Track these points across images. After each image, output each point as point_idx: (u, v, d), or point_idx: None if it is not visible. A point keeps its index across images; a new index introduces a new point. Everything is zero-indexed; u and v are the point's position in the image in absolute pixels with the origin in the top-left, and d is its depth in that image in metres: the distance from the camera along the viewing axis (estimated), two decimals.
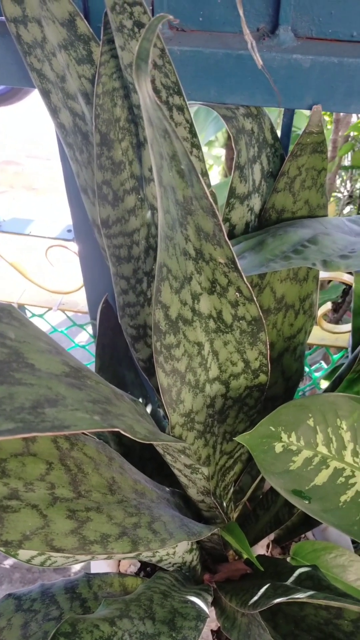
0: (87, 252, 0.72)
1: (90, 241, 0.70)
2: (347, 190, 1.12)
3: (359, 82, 0.49)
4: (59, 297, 0.87)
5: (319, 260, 0.50)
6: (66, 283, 0.84)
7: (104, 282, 0.74)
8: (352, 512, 0.58)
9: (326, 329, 0.74)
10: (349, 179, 1.12)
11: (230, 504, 0.78)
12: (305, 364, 0.81)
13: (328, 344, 0.74)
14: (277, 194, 0.56)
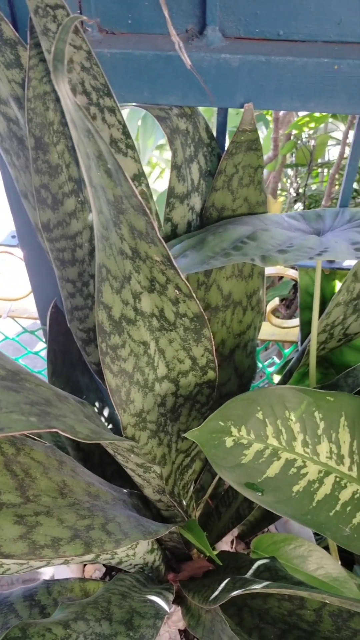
0: (33, 257, 0.71)
1: (34, 246, 0.69)
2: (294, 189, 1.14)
3: (288, 80, 0.50)
4: (8, 305, 0.86)
5: (257, 256, 0.51)
6: (14, 289, 0.84)
7: (52, 287, 0.74)
8: (304, 502, 0.59)
9: (276, 324, 0.75)
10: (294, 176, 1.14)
11: (191, 503, 0.78)
12: (258, 359, 0.82)
13: (278, 339, 0.75)
14: (216, 193, 0.57)
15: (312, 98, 0.51)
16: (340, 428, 0.61)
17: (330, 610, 0.69)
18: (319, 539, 0.92)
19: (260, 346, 0.81)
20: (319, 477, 0.60)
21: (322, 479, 0.60)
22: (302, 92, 0.50)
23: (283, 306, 1.11)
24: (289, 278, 0.72)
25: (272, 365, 0.86)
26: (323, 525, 0.60)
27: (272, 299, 0.86)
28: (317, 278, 0.58)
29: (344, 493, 0.62)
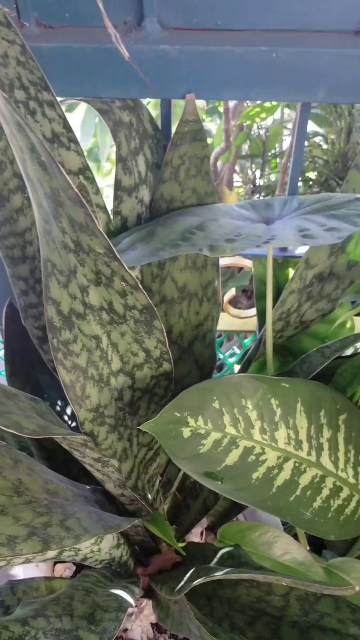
0: None
1: None
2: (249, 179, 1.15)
3: (228, 69, 0.50)
4: None
5: (205, 246, 0.51)
6: None
7: (6, 285, 0.73)
8: (264, 488, 0.60)
9: (234, 315, 0.75)
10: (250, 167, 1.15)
11: (158, 496, 0.78)
12: (218, 350, 0.83)
13: (237, 329, 0.76)
14: (164, 184, 0.57)
15: (254, 87, 0.51)
16: (297, 414, 0.61)
17: (297, 594, 0.69)
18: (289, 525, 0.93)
19: (220, 337, 0.81)
20: (278, 463, 0.61)
21: (281, 464, 0.61)
22: (243, 81, 0.51)
23: (244, 297, 1.11)
24: (246, 268, 0.72)
25: (233, 356, 0.87)
26: (283, 510, 0.61)
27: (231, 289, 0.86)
28: (268, 266, 0.59)
29: (304, 477, 0.62)
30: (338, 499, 0.65)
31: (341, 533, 0.66)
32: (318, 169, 1.04)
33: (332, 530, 0.64)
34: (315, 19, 0.50)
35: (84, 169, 0.52)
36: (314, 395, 0.62)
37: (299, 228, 0.55)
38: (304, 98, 0.51)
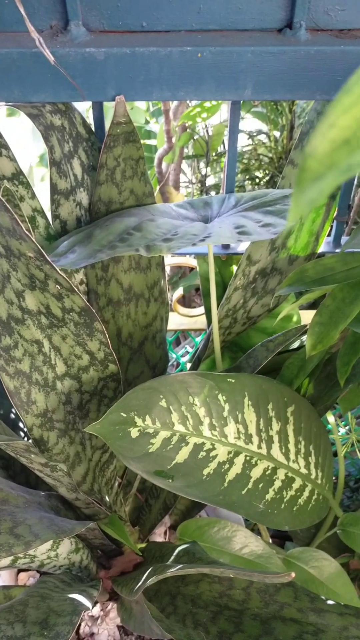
0: None
1: None
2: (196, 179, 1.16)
3: (155, 71, 0.51)
4: None
5: (142, 246, 0.52)
6: None
7: None
8: (216, 483, 0.60)
9: (183, 314, 0.76)
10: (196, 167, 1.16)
11: (118, 498, 0.78)
12: (171, 350, 0.83)
13: (187, 328, 0.76)
14: (101, 186, 0.57)
15: (181, 87, 0.52)
16: (245, 408, 0.62)
17: (258, 587, 0.70)
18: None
19: (170, 337, 0.82)
20: (229, 458, 0.61)
21: (232, 459, 0.62)
22: (170, 82, 0.51)
23: (198, 296, 1.12)
24: (191, 267, 0.73)
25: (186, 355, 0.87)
26: (236, 504, 0.61)
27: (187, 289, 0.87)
28: (210, 264, 0.59)
29: (255, 471, 0.63)
30: (291, 489, 0.66)
31: (295, 523, 0.67)
32: (263, 167, 1.05)
33: (286, 521, 0.65)
34: (238, 18, 0.51)
35: (17, 174, 0.52)
36: (261, 389, 0.62)
37: (236, 225, 0.55)
38: (231, 96, 0.52)
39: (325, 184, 0.17)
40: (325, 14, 0.51)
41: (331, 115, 0.17)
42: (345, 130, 0.17)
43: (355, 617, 0.65)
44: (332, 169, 0.17)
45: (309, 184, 0.17)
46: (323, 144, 0.17)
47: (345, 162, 0.17)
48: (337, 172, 0.17)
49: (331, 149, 0.17)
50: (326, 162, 0.17)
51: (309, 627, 0.64)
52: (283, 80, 0.51)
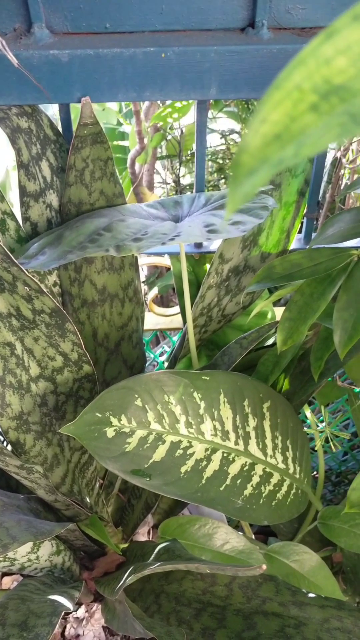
0: None
1: None
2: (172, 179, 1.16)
3: (119, 71, 0.51)
4: None
5: (112, 246, 0.52)
6: None
7: None
8: (194, 481, 0.61)
9: (159, 313, 0.76)
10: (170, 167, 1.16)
11: (99, 499, 0.78)
12: (148, 350, 0.83)
13: (164, 327, 0.77)
14: (71, 188, 0.57)
15: (147, 87, 0.52)
16: (221, 405, 0.63)
17: (240, 582, 0.71)
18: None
19: (148, 337, 0.82)
20: (206, 455, 0.62)
21: (209, 456, 0.62)
22: (135, 82, 0.52)
23: (176, 295, 1.12)
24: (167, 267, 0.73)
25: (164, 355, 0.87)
26: (214, 500, 0.62)
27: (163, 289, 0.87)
28: (182, 263, 0.60)
29: (233, 467, 0.64)
30: (269, 484, 0.66)
31: (274, 518, 0.67)
32: None
33: (264, 516, 0.66)
34: (201, 18, 0.51)
35: None
36: (236, 386, 0.63)
37: (205, 224, 0.56)
38: (197, 96, 0.53)
39: (258, 177, 0.17)
40: (287, 12, 0.52)
41: (262, 111, 0.17)
42: (276, 125, 0.17)
43: (336, 609, 0.66)
44: (264, 163, 0.17)
45: (243, 179, 0.18)
46: (255, 139, 0.17)
47: (277, 156, 0.17)
48: (270, 166, 0.17)
49: (263, 143, 0.17)
50: (259, 157, 0.17)
51: (291, 621, 0.65)
52: (247, 79, 0.52)
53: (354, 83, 0.17)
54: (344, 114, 0.17)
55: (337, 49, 0.17)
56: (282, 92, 0.17)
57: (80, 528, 0.68)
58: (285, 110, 0.17)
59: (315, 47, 0.17)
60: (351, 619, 0.64)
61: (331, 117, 0.17)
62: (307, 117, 0.17)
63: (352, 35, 0.17)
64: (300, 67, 0.17)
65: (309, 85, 0.17)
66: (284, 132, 0.17)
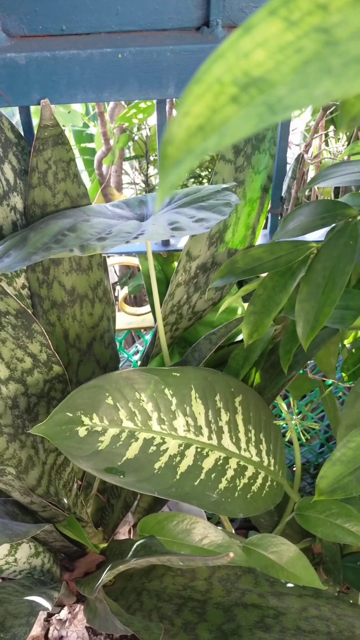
0: None
1: None
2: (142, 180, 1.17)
3: (77, 73, 0.52)
4: None
5: (76, 246, 0.52)
6: None
7: None
8: (168, 476, 0.61)
9: (130, 313, 0.77)
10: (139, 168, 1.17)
11: (78, 500, 0.78)
12: (122, 349, 0.84)
13: (136, 326, 0.77)
14: (34, 190, 0.58)
15: (105, 88, 0.52)
16: (193, 401, 0.63)
17: (220, 576, 0.71)
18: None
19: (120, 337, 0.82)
20: (180, 451, 0.63)
21: (183, 452, 0.63)
22: (94, 83, 0.52)
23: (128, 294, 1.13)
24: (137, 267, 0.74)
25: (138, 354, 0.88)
26: (189, 495, 0.62)
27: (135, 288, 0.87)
28: (149, 261, 0.60)
29: (207, 461, 0.64)
30: (243, 477, 0.67)
31: (250, 510, 0.68)
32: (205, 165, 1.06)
33: (240, 508, 0.67)
34: (156, 18, 0.52)
35: None
36: (207, 381, 0.64)
37: (170, 221, 0.56)
38: (155, 95, 0.53)
39: (183, 168, 0.18)
40: (241, 11, 0.53)
41: (185, 104, 0.18)
42: (199, 118, 0.18)
43: (314, 598, 0.66)
44: (189, 154, 0.18)
45: (170, 169, 0.18)
46: (179, 132, 0.18)
47: (201, 147, 0.18)
48: (194, 156, 0.18)
49: (187, 135, 0.18)
50: (184, 148, 0.18)
51: (270, 611, 0.66)
52: None
53: (272, 75, 0.18)
54: (262, 105, 0.18)
55: (255, 42, 0.18)
56: (203, 85, 0.18)
57: (58, 529, 0.69)
58: (207, 102, 0.18)
59: (234, 41, 0.18)
60: (329, 606, 0.65)
61: (250, 108, 0.18)
62: (228, 108, 0.18)
63: (269, 29, 0.18)
64: (220, 61, 0.18)
65: (229, 78, 0.18)
66: (207, 124, 0.18)
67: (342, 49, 0.17)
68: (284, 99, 0.17)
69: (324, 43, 0.18)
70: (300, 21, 0.18)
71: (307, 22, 0.18)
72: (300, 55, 0.18)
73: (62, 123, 1.05)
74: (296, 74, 0.18)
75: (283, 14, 0.18)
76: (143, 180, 1.18)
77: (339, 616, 0.64)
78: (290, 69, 0.18)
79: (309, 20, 0.18)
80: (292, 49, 0.18)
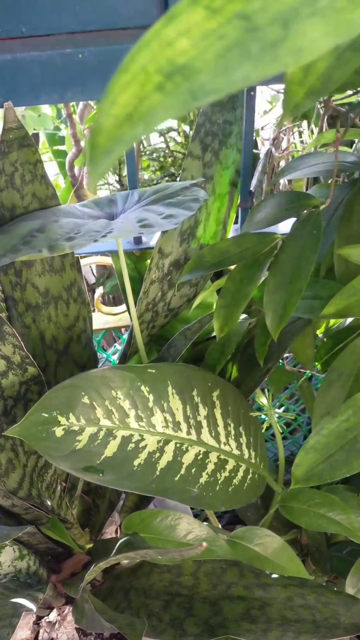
0: None
1: None
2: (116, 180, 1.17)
3: (39, 74, 0.52)
4: None
5: (45, 247, 0.53)
6: None
7: None
8: (147, 473, 0.61)
9: (106, 312, 0.77)
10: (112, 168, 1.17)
11: (62, 502, 0.78)
12: (100, 349, 0.84)
13: (113, 325, 0.78)
14: (2, 193, 0.58)
15: (68, 88, 0.53)
16: (170, 397, 0.63)
17: (205, 570, 0.72)
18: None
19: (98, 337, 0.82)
20: (159, 447, 0.63)
21: (162, 448, 0.63)
22: (56, 84, 0.52)
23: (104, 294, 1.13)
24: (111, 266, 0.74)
25: (116, 354, 0.88)
26: (169, 491, 0.63)
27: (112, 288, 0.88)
28: (121, 259, 0.60)
29: (187, 456, 0.65)
30: (224, 471, 0.68)
31: (232, 503, 0.68)
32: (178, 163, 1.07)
33: (221, 501, 0.67)
34: (116, 18, 0.52)
35: None
36: (184, 377, 0.64)
37: (138, 219, 0.57)
38: None
39: (113, 156, 0.18)
40: None
41: (111, 94, 0.18)
42: (127, 107, 0.18)
43: (299, 587, 0.67)
44: (118, 142, 0.18)
45: (101, 159, 0.19)
46: (108, 121, 0.18)
47: (129, 135, 0.18)
48: (123, 145, 0.18)
49: (116, 124, 0.18)
50: (113, 137, 0.19)
51: (256, 603, 0.66)
52: None
53: (196, 62, 0.18)
54: (186, 92, 0.18)
55: (179, 31, 0.18)
56: (129, 74, 0.18)
57: (41, 531, 0.69)
58: (134, 91, 0.18)
59: (158, 31, 0.18)
60: (314, 595, 0.66)
61: (175, 95, 0.18)
62: (154, 96, 0.18)
63: (191, 17, 0.18)
64: (145, 50, 0.18)
65: (154, 66, 0.18)
66: (134, 112, 0.18)
67: (261, 35, 0.18)
68: (206, 85, 0.18)
69: (245, 29, 0.18)
70: (222, 9, 0.18)
71: (229, 9, 0.18)
72: (223, 41, 0.18)
73: (34, 127, 1.05)
74: (218, 60, 0.18)
75: (205, 2, 0.18)
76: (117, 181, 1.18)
77: (324, 604, 0.65)
78: (213, 56, 0.18)
79: (231, 7, 0.18)
80: (215, 36, 0.18)
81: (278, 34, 0.18)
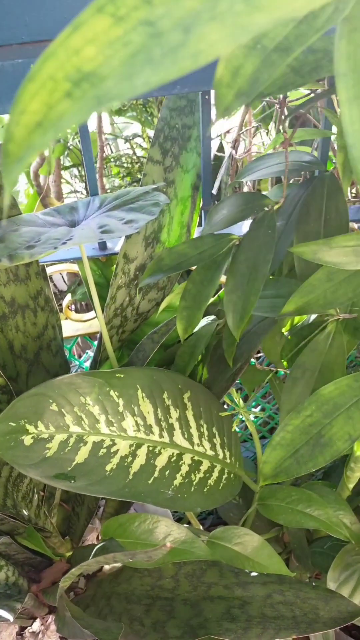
0: None
1: None
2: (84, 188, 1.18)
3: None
4: None
5: (5, 256, 0.53)
6: None
7: None
8: (120, 477, 0.62)
9: (76, 319, 0.77)
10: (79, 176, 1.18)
11: (40, 511, 0.78)
12: (71, 357, 0.84)
13: (84, 332, 0.78)
14: None
15: None
16: (140, 400, 0.64)
17: (185, 572, 0.72)
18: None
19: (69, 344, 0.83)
20: (131, 451, 0.63)
21: (134, 452, 0.63)
22: (9, 95, 0.53)
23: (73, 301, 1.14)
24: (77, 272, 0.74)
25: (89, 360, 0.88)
26: (143, 494, 0.63)
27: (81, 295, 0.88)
28: (85, 266, 0.61)
29: (160, 459, 0.65)
30: (199, 472, 0.68)
31: (208, 503, 0.69)
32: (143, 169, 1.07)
33: (197, 502, 0.67)
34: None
35: None
36: (153, 380, 0.64)
37: (99, 225, 0.57)
38: None
39: (25, 162, 0.19)
40: None
41: (20, 103, 0.19)
42: (36, 115, 0.19)
43: (278, 584, 0.68)
44: (29, 149, 0.19)
45: (14, 166, 0.19)
46: (19, 130, 0.19)
47: (40, 142, 0.19)
48: (34, 151, 0.19)
49: (27, 132, 0.19)
50: (25, 145, 0.19)
51: (236, 602, 0.67)
52: None
53: (102, 69, 0.19)
54: (93, 98, 0.18)
55: (85, 39, 0.19)
56: (37, 83, 0.19)
57: (17, 541, 0.68)
58: (43, 99, 0.19)
59: (64, 39, 0.19)
60: (292, 591, 0.66)
61: (83, 101, 0.19)
62: (63, 104, 0.19)
63: (97, 25, 0.19)
64: (52, 59, 0.19)
65: (61, 74, 0.19)
66: (44, 120, 0.19)
67: (164, 40, 0.18)
68: (111, 91, 0.18)
69: (149, 35, 0.19)
70: (128, 16, 0.19)
71: (134, 16, 0.19)
72: (128, 48, 0.19)
73: None
74: (124, 66, 0.19)
75: (111, 10, 0.19)
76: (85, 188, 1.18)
77: (302, 600, 0.65)
78: (119, 62, 0.19)
79: (136, 14, 0.19)
80: (121, 42, 0.19)
81: (179, 39, 0.18)
